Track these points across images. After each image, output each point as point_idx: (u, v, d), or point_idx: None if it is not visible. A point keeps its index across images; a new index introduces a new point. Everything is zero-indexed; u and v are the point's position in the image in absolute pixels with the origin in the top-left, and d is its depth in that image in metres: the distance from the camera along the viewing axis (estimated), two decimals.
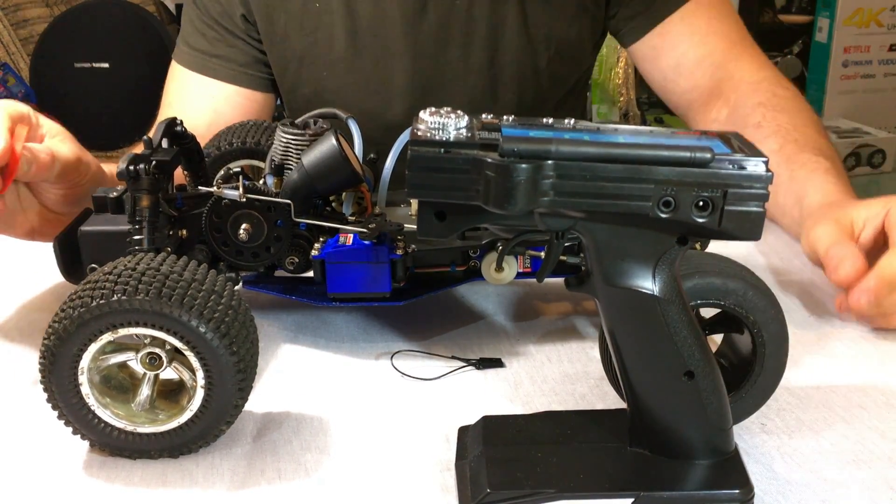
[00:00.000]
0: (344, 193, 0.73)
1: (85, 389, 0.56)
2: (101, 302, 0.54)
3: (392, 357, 0.71)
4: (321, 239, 0.71)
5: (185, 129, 0.74)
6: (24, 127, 0.75)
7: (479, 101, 1.05)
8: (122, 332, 0.55)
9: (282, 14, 1.04)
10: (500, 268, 0.70)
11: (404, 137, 0.71)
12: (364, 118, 1.01)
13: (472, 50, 1.03)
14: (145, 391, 0.58)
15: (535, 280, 0.69)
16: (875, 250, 0.74)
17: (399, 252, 0.69)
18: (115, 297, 0.54)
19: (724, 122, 1.02)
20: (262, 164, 0.83)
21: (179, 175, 0.76)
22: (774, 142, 0.93)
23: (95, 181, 0.81)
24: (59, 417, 0.57)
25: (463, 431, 0.59)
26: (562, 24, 1.05)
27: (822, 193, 0.85)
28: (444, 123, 0.48)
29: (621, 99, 2.50)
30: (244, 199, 0.69)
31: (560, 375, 0.68)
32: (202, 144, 0.77)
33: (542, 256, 0.70)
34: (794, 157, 0.91)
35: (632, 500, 0.51)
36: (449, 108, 0.49)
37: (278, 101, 1.15)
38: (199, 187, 0.73)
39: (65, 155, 0.77)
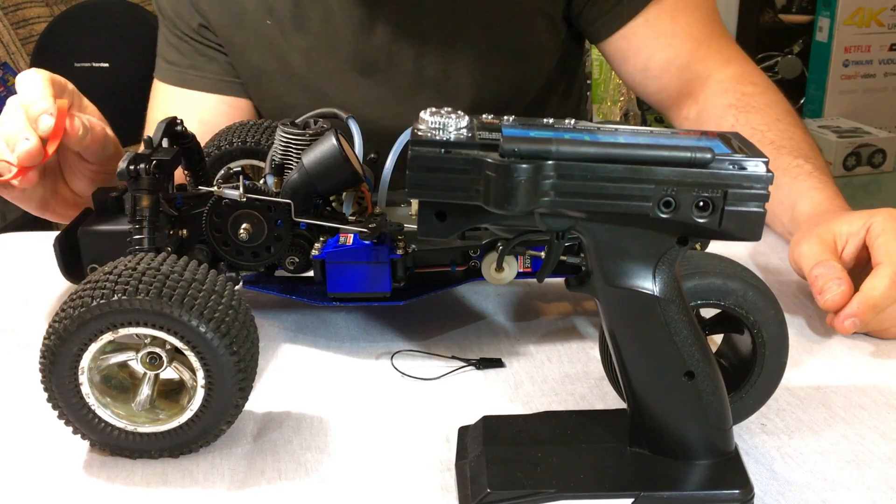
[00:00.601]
0: (344, 193, 0.72)
1: (85, 389, 0.56)
2: (101, 302, 0.54)
3: (392, 357, 0.71)
4: (321, 239, 0.71)
5: (185, 128, 0.74)
6: (69, 96, 0.78)
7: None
8: (123, 331, 0.55)
9: (238, 30, 1.04)
10: (500, 268, 0.70)
11: (405, 137, 0.71)
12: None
13: (424, 63, 1.02)
14: (145, 391, 0.58)
15: (535, 280, 0.69)
16: (859, 266, 0.74)
17: (399, 252, 0.69)
18: (116, 297, 0.54)
19: (695, 121, 1.01)
20: (262, 164, 0.83)
21: (180, 175, 0.76)
22: None
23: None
24: (60, 417, 0.57)
25: (463, 431, 0.59)
26: (517, 29, 1.03)
27: (810, 203, 0.85)
28: (444, 123, 0.48)
29: (621, 99, 2.50)
30: (244, 199, 0.69)
31: (560, 375, 0.68)
32: None
33: (543, 256, 0.70)
34: (773, 161, 0.90)
35: (632, 500, 0.51)
36: (449, 109, 0.49)
37: None
38: (200, 187, 0.73)
39: (110, 135, 0.81)
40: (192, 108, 1.07)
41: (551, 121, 0.50)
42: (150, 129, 1.09)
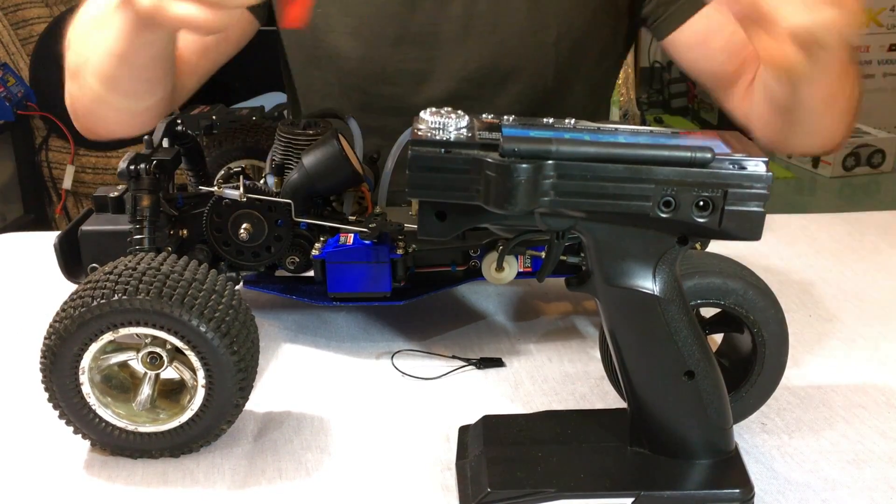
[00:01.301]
0: (344, 193, 0.73)
1: (86, 389, 0.56)
2: (101, 301, 0.54)
3: (392, 357, 0.71)
4: (322, 238, 0.71)
5: (186, 128, 0.74)
6: None
7: (476, 65, 0.98)
8: (123, 331, 0.55)
9: None
10: (500, 267, 0.70)
11: (405, 137, 0.71)
12: (353, 64, 0.97)
13: (475, 10, 0.96)
14: (146, 390, 0.58)
15: (535, 280, 0.69)
16: None
17: (399, 252, 0.69)
18: (116, 297, 0.54)
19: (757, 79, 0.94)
20: (262, 164, 0.83)
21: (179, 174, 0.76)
22: None
23: None
24: (60, 417, 0.57)
25: (463, 431, 0.59)
26: (573, 3, 0.98)
27: None
28: (444, 123, 0.48)
29: (621, 99, 2.50)
30: (245, 199, 0.69)
31: (560, 375, 0.68)
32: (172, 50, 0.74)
33: (543, 256, 0.70)
34: None
35: (632, 499, 0.51)
36: (449, 109, 0.49)
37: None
38: (200, 187, 0.73)
39: None
40: None
41: (551, 120, 0.50)
42: None
